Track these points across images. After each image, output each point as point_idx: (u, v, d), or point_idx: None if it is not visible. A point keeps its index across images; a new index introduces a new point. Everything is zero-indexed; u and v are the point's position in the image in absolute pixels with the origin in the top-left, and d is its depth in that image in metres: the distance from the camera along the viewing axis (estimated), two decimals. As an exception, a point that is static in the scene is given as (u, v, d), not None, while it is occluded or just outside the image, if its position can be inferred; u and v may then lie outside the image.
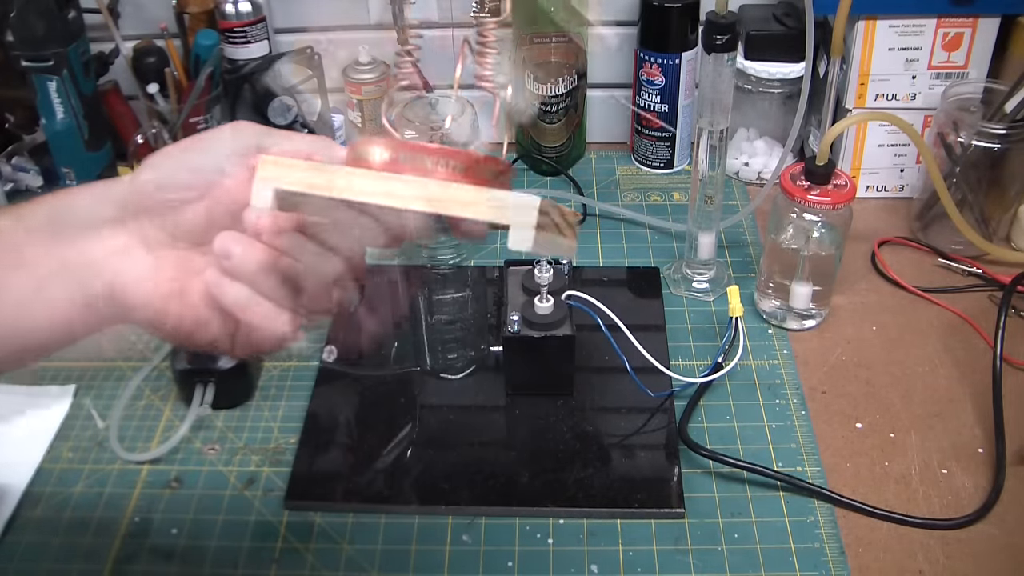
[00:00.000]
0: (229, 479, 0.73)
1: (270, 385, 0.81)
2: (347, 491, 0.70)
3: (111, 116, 1.06)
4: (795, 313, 0.84)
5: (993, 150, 0.87)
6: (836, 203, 0.77)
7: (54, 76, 0.90)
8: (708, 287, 0.88)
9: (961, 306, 0.86)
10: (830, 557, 0.65)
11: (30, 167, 1.02)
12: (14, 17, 0.87)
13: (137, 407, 0.79)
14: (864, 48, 0.93)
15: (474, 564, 0.66)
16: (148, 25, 1.06)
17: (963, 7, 0.89)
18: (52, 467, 0.74)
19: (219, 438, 0.76)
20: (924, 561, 0.64)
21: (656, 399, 0.75)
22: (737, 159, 1.05)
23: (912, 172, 0.99)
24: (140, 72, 1.02)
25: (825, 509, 0.68)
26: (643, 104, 1.04)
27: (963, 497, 0.69)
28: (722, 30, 0.75)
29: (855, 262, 0.92)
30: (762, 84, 1.00)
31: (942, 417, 0.75)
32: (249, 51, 1.03)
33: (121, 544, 0.68)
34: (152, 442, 0.76)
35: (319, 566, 0.66)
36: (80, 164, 0.96)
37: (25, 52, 0.88)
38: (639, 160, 1.08)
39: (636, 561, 0.65)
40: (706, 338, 0.84)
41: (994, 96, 0.89)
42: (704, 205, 0.84)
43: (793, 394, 0.78)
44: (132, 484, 0.73)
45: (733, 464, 0.70)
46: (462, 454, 0.73)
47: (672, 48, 0.99)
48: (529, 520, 0.68)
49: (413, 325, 0.87)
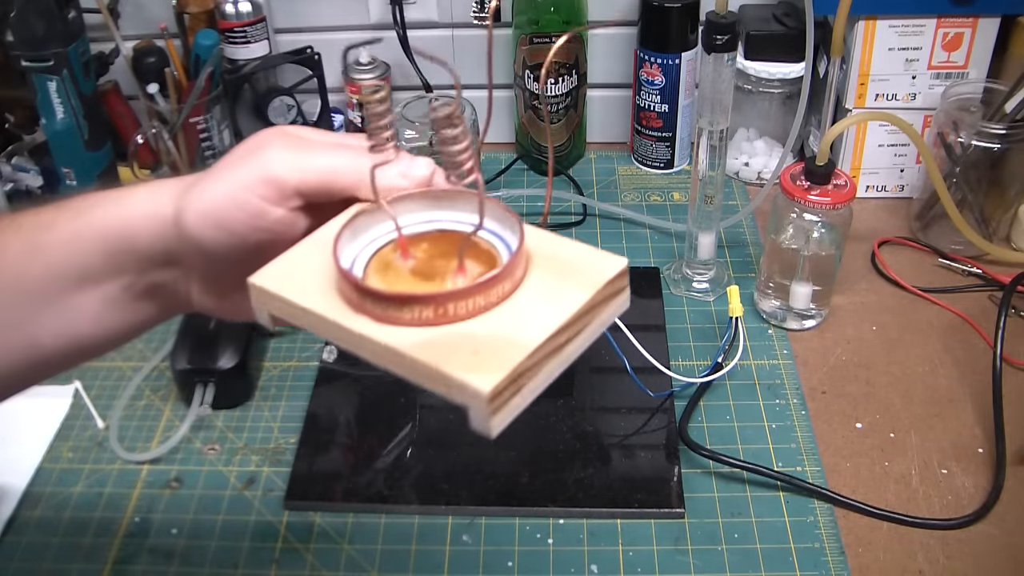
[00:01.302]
0: (229, 479, 0.73)
1: (270, 385, 0.81)
2: (347, 491, 0.70)
3: (111, 116, 1.06)
4: (795, 313, 0.84)
5: (993, 150, 0.87)
6: (836, 203, 0.77)
7: (54, 76, 0.90)
8: (708, 287, 0.88)
9: (961, 306, 0.86)
10: (830, 557, 0.65)
11: (30, 167, 1.02)
12: (14, 17, 0.87)
13: (137, 407, 0.79)
14: (864, 48, 0.93)
15: (474, 564, 0.66)
16: (148, 25, 1.06)
17: (963, 7, 0.89)
18: (52, 467, 0.74)
19: (219, 438, 0.76)
20: (924, 561, 0.64)
21: (656, 399, 0.75)
22: (737, 159, 1.05)
23: (912, 172, 0.99)
24: (140, 72, 1.02)
25: (825, 509, 0.68)
26: (643, 104, 1.04)
27: (963, 497, 0.69)
28: (722, 30, 0.75)
29: (855, 262, 0.92)
30: (762, 84, 1.00)
31: (942, 417, 0.75)
32: (249, 51, 1.03)
33: (121, 544, 0.68)
34: (152, 442, 0.76)
35: (319, 566, 0.66)
36: (80, 164, 0.96)
37: (25, 52, 0.88)
38: (639, 160, 1.08)
39: (636, 561, 0.65)
40: (706, 338, 0.84)
41: (994, 96, 0.89)
42: (704, 205, 0.84)
43: (793, 394, 0.78)
44: (132, 484, 0.73)
45: (733, 464, 0.70)
46: (462, 454, 0.73)
47: (672, 48, 0.99)
48: (529, 520, 0.68)
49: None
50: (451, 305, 0.39)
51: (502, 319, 0.39)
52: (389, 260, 0.43)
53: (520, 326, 0.39)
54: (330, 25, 1.08)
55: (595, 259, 0.41)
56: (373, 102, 0.41)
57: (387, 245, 0.44)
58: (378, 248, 0.44)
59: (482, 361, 0.37)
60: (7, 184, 1.01)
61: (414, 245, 0.44)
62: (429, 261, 0.43)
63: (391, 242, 0.44)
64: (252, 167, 0.42)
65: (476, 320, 0.39)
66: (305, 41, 1.03)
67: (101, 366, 0.83)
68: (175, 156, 1.05)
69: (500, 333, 0.39)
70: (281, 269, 0.42)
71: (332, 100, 1.06)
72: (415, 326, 0.39)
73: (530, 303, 0.40)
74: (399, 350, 0.38)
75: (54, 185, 0.98)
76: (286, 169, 0.42)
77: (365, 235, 0.45)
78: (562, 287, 0.40)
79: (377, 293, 0.39)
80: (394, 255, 0.43)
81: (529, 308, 0.40)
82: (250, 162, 0.42)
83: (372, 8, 1.07)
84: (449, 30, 1.08)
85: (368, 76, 1.05)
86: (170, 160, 1.06)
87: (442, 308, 0.39)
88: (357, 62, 1.05)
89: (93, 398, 0.80)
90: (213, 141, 1.06)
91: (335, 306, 0.40)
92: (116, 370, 0.83)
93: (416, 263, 0.43)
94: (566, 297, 0.40)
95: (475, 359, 0.37)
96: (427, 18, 1.07)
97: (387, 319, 0.39)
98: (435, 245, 0.44)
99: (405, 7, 1.05)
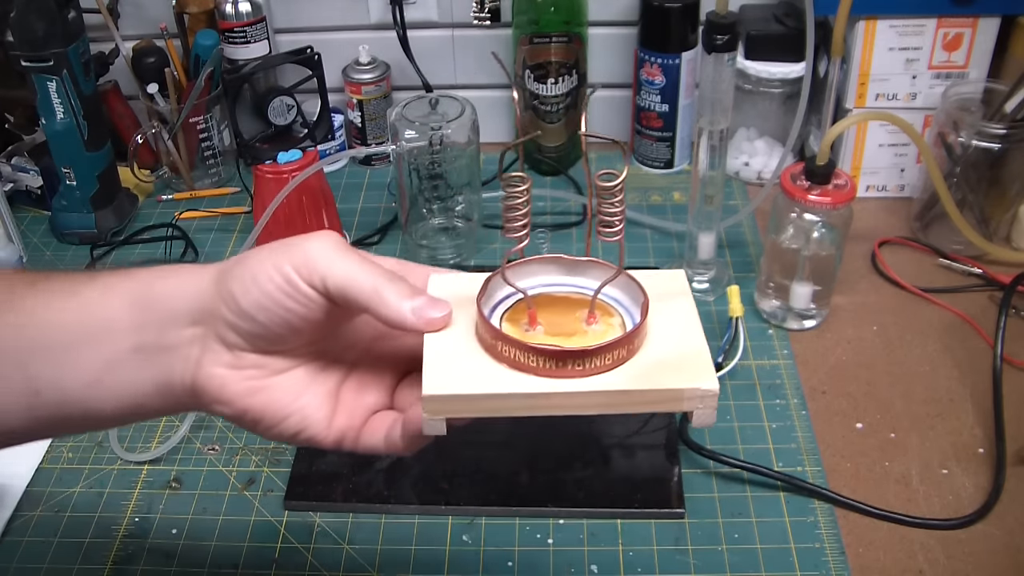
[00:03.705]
0: (229, 479, 0.73)
1: (270, 385, 0.80)
2: (347, 491, 0.70)
3: (111, 116, 1.06)
4: (795, 313, 0.84)
5: (993, 150, 0.87)
6: (836, 203, 0.77)
7: (54, 76, 0.90)
8: (708, 287, 0.88)
9: (961, 306, 0.86)
10: (830, 557, 0.65)
11: (30, 167, 1.02)
12: (14, 17, 0.87)
13: (137, 407, 0.79)
14: (864, 48, 0.93)
15: (474, 564, 0.66)
16: (148, 25, 1.06)
17: (963, 7, 0.89)
18: (52, 467, 0.74)
19: (219, 438, 0.76)
20: (924, 561, 0.64)
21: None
22: (737, 159, 1.05)
23: (912, 172, 0.99)
24: (140, 72, 1.03)
25: (825, 509, 0.68)
26: (643, 104, 1.04)
27: (963, 497, 0.69)
28: (722, 30, 0.75)
29: (855, 262, 0.92)
30: (762, 84, 1.00)
31: (942, 417, 0.75)
32: (249, 51, 1.03)
33: (121, 544, 0.68)
34: (152, 442, 0.76)
35: (319, 566, 0.66)
36: (80, 164, 0.96)
37: (25, 52, 0.88)
38: (639, 160, 1.08)
39: (636, 561, 0.65)
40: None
41: (994, 96, 0.89)
42: (704, 205, 0.84)
43: (793, 394, 0.78)
44: (132, 484, 0.73)
45: (733, 464, 0.70)
46: (462, 454, 0.73)
47: (672, 48, 0.99)
48: (529, 520, 0.68)
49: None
50: (627, 348, 0.44)
51: (658, 350, 0.45)
52: (518, 324, 0.47)
53: (678, 347, 0.45)
54: (330, 25, 1.08)
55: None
56: (515, 195, 0.45)
57: (506, 313, 0.48)
58: (501, 317, 0.47)
59: (690, 372, 0.44)
60: (7, 184, 1.01)
61: (523, 311, 0.47)
62: (551, 320, 0.47)
63: (509, 309, 0.48)
64: (296, 246, 0.45)
65: (637, 357, 0.45)
66: (305, 41, 1.03)
67: (101, 366, 0.83)
68: (175, 156, 1.05)
69: (668, 357, 0.45)
70: (438, 373, 0.44)
71: (332, 100, 1.06)
72: (603, 372, 0.44)
73: (662, 338, 0.46)
74: (626, 389, 0.43)
75: (54, 185, 0.98)
76: (321, 257, 0.44)
77: (486, 305, 0.47)
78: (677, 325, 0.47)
79: (580, 351, 0.43)
80: (520, 321, 0.47)
81: (667, 339, 0.46)
82: (296, 243, 0.45)
83: (372, 8, 1.07)
84: (449, 30, 1.08)
85: (368, 76, 1.05)
86: (170, 160, 1.06)
87: (625, 349, 0.44)
88: (357, 62, 1.05)
89: (93, 398, 0.80)
90: (213, 141, 1.07)
91: (517, 379, 0.44)
92: (116, 370, 0.83)
93: (543, 325, 0.47)
94: (689, 329, 0.47)
95: (684, 373, 0.43)
96: (427, 18, 1.07)
97: (573, 373, 0.43)
98: (546, 308, 0.48)
99: (405, 7, 1.05)
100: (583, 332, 0.46)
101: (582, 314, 0.47)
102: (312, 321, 0.45)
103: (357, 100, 1.06)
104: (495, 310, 0.48)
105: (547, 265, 0.50)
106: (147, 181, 1.06)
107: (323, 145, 1.07)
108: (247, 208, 1.01)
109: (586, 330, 0.46)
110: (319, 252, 0.44)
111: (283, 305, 0.44)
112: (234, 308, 0.44)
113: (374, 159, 1.10)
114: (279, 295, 0.44)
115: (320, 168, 0.88)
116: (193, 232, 0.99)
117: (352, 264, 0.45)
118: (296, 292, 0.44)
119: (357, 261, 0.45)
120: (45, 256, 0.99)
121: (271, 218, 0.84)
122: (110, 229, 0.99)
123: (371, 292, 0.44)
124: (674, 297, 0.48)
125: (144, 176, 1.05)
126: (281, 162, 0.87)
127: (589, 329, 0.46)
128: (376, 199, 1.05)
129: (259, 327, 0.44)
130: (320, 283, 0.44)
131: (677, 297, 0.48)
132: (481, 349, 0.45)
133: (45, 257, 0.98)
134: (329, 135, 1.06)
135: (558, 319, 0.47)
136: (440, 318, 0.46)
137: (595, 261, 0.49)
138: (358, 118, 1.07)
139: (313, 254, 0.44)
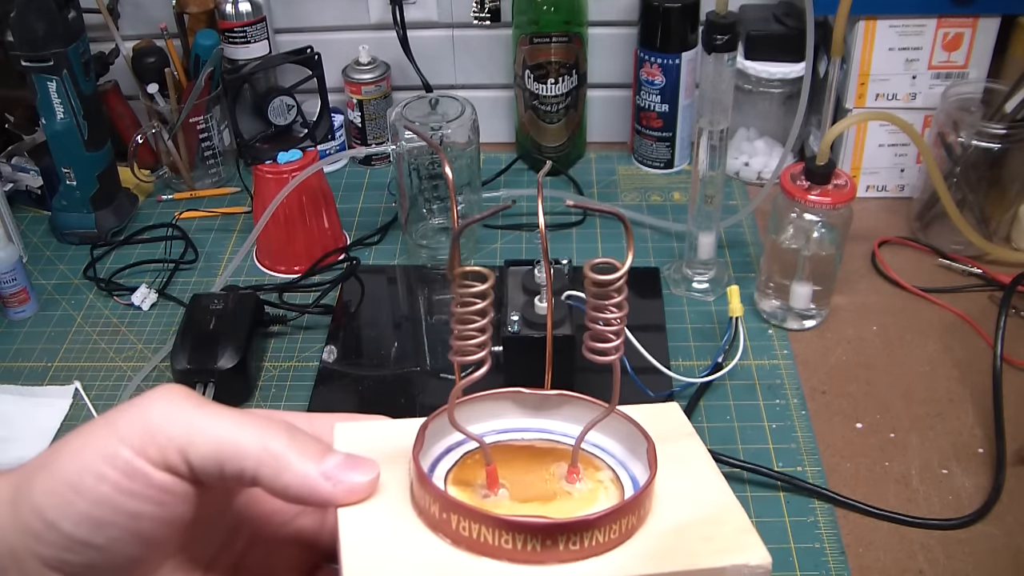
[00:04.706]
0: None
1: (270, 385, 0.81)
2: (347, 491, 0.70)
3: (111, 116, 1.06)
4: (795, 313, 0.84)
5: (993, 150, 0.87)
6: (836, 203, 0.77)
7: (54, 76, 0.90)
8: (708, 287, 0.88)
9: (961, 306, 0.86)
10: (830, 557, 0.65)
11: (30, 167, 1.02)
12: (14, 17, 0.87)
13: (137, 407, 0.79)
14: (864, 48, 0.93)
15: None
16: (148, 25, 1.06)
17: (963, 7, 0.89)
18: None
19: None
20: (924, 561, 0.64)
21: (656, 399, 0.75)
22: (737, 159, 1.05)
23: (912, 172, 0.99)
24: (140, 72, 1.03)
25: (825, 509, 0.68)
26: (643, 104, 1.04)
27: (963, 497, 0.69)
28: (722, 30, 0.75)
29: (855, 262, 0.92)
30: (762, 84, 1.00)
31: (942, 417, 0.75)
32: (249, 51, 1.03)
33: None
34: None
35: (319, 566, 0.66)
36: (80, 164, 0.96)
37: (25, 52, 0.88)
38: (639, 160, 1.08)
39: (636, 561, 0.65)
40: (706, 338, 0.84)
41: (994, 96, 0.89)
42: (704, 205, 0.84)
43: (793, 394, 0.78)
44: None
45: (733, 464, 0.70)
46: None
47: (672, 48, 0.99)
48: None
49: (413, 325, 0.87)
50: (636, 513, 0.33)
51: (674, 513, 0.34)
52: (472, 488, 0.35)
53: (700, 506, 0.34)
54: (330, 25, 1.08)
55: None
56: (469, 298, 0.33)
57: (451, 472, 0.36)
58: (444, 479, 0.35)
59: (726, 540, 0.33)
60: (7, 184, 1.01)
61: (476, 469, 0.35)
62: (518, 479, 0.35)
63: (454, 467, 0.36)
64: (128, 418, 0.32)
65: (648, 526, 0.34)
66: (305, 41, 1.03)
67: (101, 366, 0.83)
68: (175, 156, 1.05)
69: (690, 522, 0.33)
70: (363, 566, 0.31)
71: (332, 100, 1.06)
72: (607, 550, 0.32)
73: (675, 495, 0.35)
74: (646, 575, 0.31)
75: (54, 185, 0.98)
76: (172, 422, 0.32)
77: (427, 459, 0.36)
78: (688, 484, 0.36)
79: (574, 523, 0.31)
80: (474, 483, 0.35)
81: (682, 496, 0.35)
82: (128, 412, 0.32)
83: (372, 8, 1.07)
84: (449, 30, 1.08)
85: (368, 76, 1.05)
86: (170, 160, 1.06)
87: (635, 515, 0.33)
88: (357, 62, 1.05)
89: (93, 398, 0.80)
90: (213, 141, 1.07)
91: (484, 569, 0.31)
92: (116, 370, 0.83)
93: (508, 487, 0.35)
94: (707, 480, 0.36)
95: (718, 542, 0.33)
96: (427, 18, 1.07)
97: (566, 555, 0.31)
98: (507, 463, 0.36)
99: (405, 7, 1.05)
100: (565, 494, 0.35)
101: (558, 469, 0.35)
102: (174, 521, 0.33)
103: (357, 100, 1.06)
104: (434, 469, 0.35)
105: (501, 403, 0.38)
106: (147, 181, 1.06)
107: (323, 145, 1.07)
108: (247, 208, 1.01)
109: (569, 491, 0.35)
110: (167, 416, 0.32)
111: (127, 511, 0.31)
112: (51, 538, 0.31)
113: (374, 159, 1.10)
114: (119, 498, 0.31)
115: (320, 168, 0.88)
116: (193, 232, 0.99)
117: (223, 421, 0.32)
118: (145, 485, 0.31)
119: (229, 416, 0.33)
120: (45, 256, 0.99)
121: (271, 218, 0.84)
122: (110, 229, 0.99)
123: (260, 455, 0.32)
124: (677, 439, 0.37)
125: (144, 176, 1.05)
126: (281, 162, 0.87)
127: (573, 489, 0.35)
128: (376, 199, 1.05)
129: (96, 553, 0.31)
130: (179, 460, 0.32)
131: (681, 439, 0.38)
132: (424, 526, 0.33)
133: (45, 257, 0.98)
134: (329, 135, 1.06)
135: (526, 477, 0.35)
136: (365, 483, 0.33)
137: (566, 395, 0.38)
138: (358, 118, 1.07)
139: (158, 422, 0.32)
